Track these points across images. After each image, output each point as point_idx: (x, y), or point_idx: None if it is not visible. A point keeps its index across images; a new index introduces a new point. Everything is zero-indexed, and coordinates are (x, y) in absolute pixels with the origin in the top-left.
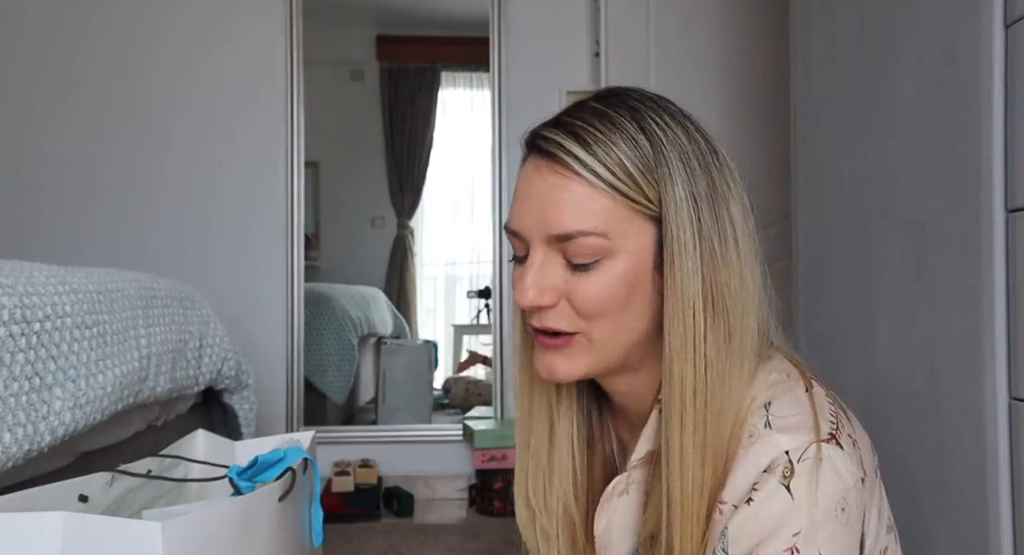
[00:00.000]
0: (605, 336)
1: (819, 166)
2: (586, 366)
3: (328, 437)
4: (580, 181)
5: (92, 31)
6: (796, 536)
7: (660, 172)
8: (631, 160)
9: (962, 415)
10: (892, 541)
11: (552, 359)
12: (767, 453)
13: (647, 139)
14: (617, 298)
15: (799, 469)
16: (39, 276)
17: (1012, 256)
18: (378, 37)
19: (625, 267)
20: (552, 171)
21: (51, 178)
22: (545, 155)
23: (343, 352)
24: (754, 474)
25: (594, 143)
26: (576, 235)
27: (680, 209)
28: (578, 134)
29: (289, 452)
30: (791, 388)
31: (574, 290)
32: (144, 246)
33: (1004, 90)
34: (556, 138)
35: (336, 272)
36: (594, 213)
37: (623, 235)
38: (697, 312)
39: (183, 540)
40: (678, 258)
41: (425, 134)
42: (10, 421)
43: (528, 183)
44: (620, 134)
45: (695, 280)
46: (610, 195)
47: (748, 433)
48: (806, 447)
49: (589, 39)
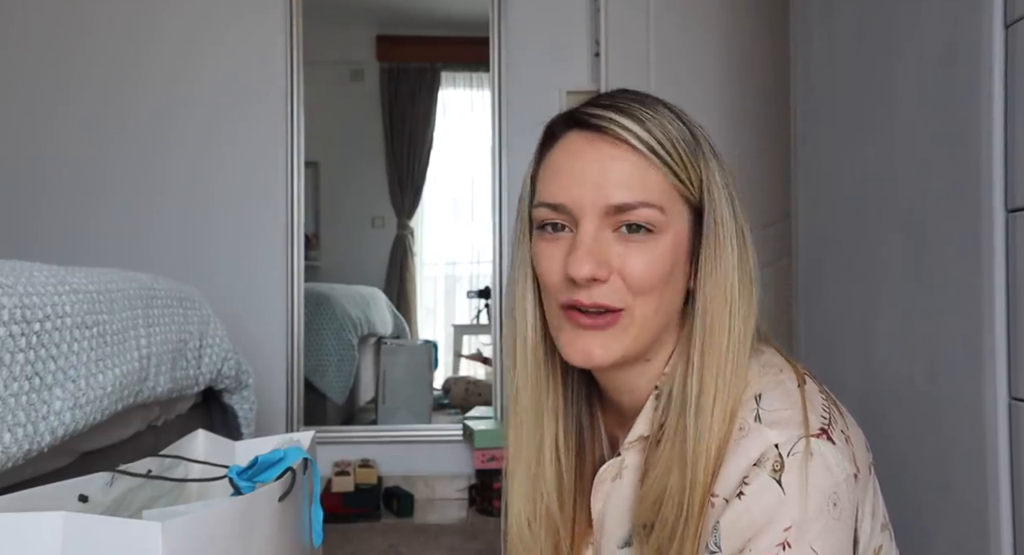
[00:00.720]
0: (646, 314)
1: (819, 166)
2: (623, 349)
3: (328, 437)
4: (638, 154)
5: (92, 31)
6: (787, 531)
7: (702, 157)
8: (679, 141)
9: (962, 415)
10: (887, 539)
11: (589, 342)
12: (756, 447)
13: (687, 127)
14: (664, 274)
15: (789, 463)
16: (39, 276)
17: (1012, 256)
18: (378, 37)
19: (671, 244)
20: (609, 143)
21: (51, 178)
22: (595, 129)
23: (343, 352)
24: (744, 467)
25: (647, 120)
26: (638, 205)
27: (721, 194)
28: (630, 112)
29: (289, 452)
30: (782, 382)
31: (627, 263)
32: (144, 246)
33: (1004, 90)
34: (607, 114)
35: (336, 272)
36: (652, 187)
37: (672, 213)
38: (733, 293)
39: (183, 540)
40: (721, 242)
41: (425, 134)
42: (10, 421)
43: (579, 156)
44: (665, 117)
45: (732, 258)
46: (663, 172)
47: (739, 426)
48: (795, 441)
49: (589, 39)
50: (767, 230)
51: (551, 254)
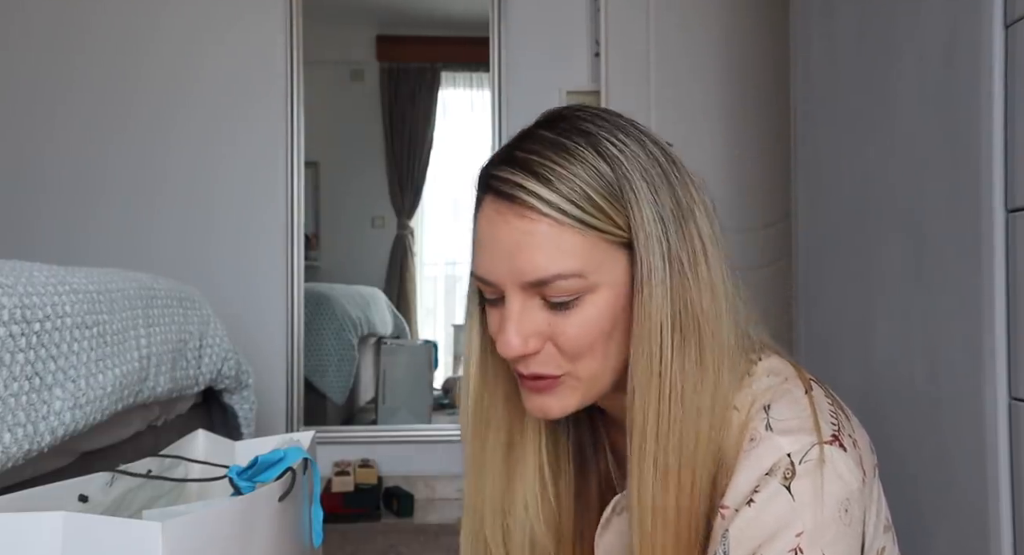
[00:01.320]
0: (592, 372)
1: (819, 166)
2: (578, 401)
3: (328, 437)
4: (547, 222)
5: (92, 31)
6: (799, 536)
7: (626, 197)
8: (595, 190)
9: (962, 415)
10: (889, 541)
11: (543, 400)
12: (769, 456)
13: (607, 164)
14: (602, 333)
15: (800, 470)
16: (39, 276)
17: (1012, 256)
18: (378, 37)
19: (606, 300)
20: (517, 215)
21: (52, 178)
22: (505, 197)
23: (343, 352)
24: (756, 477)
25: (555, 179)
26: (552, 280)
27: (649, 234)
28: (536, 171)
29: (289, 452)
30: (789, 390)
31: (557, 332)
32: (144, 246)
33: (1004, 90)
34: (514, 178)
35: (336, 272)
36: (567, 253)
37: (599, 269)
38: (665, 339)
39: (183, 540)
40: (647, 286)
41: (425, 134)
42: (10, 421)
43: (492, 229)
44: (579, 164)
45: (665, 305)
46: (580, 230)
47: (749, 437)
48: (808, 449)
49: (589, 39)
50: (767, 230)
51: (493, 322)
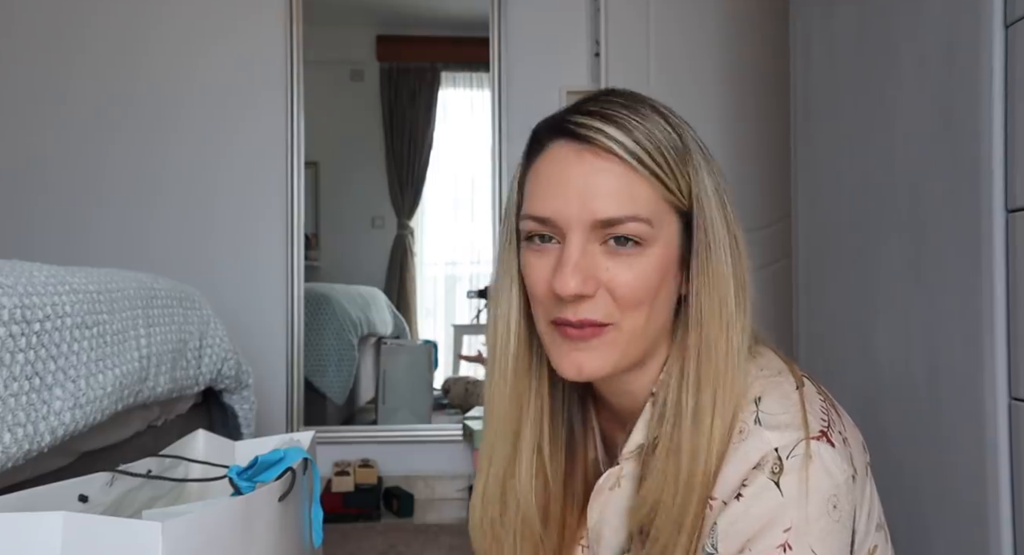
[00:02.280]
0: (635, 327)
1: (819, 166)
2: (614, 361)
3: (328, 437)
4: (625, 166)
5: (92, 31)
6: (787, 532)
7: (691, 164)
8: (668, 149)
9: (962, 415)
10: (882, 540)
11: (580, 355)
12: (757, 450)
13: (675, 132)
14: (652, 287)
15: (788, 466)
16: (39, 276)
17: (1012, 256)
18: (378, 37)
19: (660, 256)
20: (595, 155)
21: (52, 178)
22: (582, 139)
23: (343, 352)
24: (744, 470)
25: (634, 129)
26: (625, 220)
27: (711, 201)
28: (616, 120)
29: (289, 452)
30: (780, 384)
31: (614, 277)
32: (144, 246)
33: (1004, 90)
34: (593, 123)
35: (336, 272)
36: (640, 199)
37: (661, 224)
38: (729, 303)
39: (183, 540)
40: (713, 251)
41: (425, 134)
42: (10, 421)
43: (565, 167)
44: (653, 124)
45: (727, 272)
46: (651, 182)
47: (738, 429)
48: (795, 444)
49: (589, 39)
50: (767, 230)
51: (539, 266)
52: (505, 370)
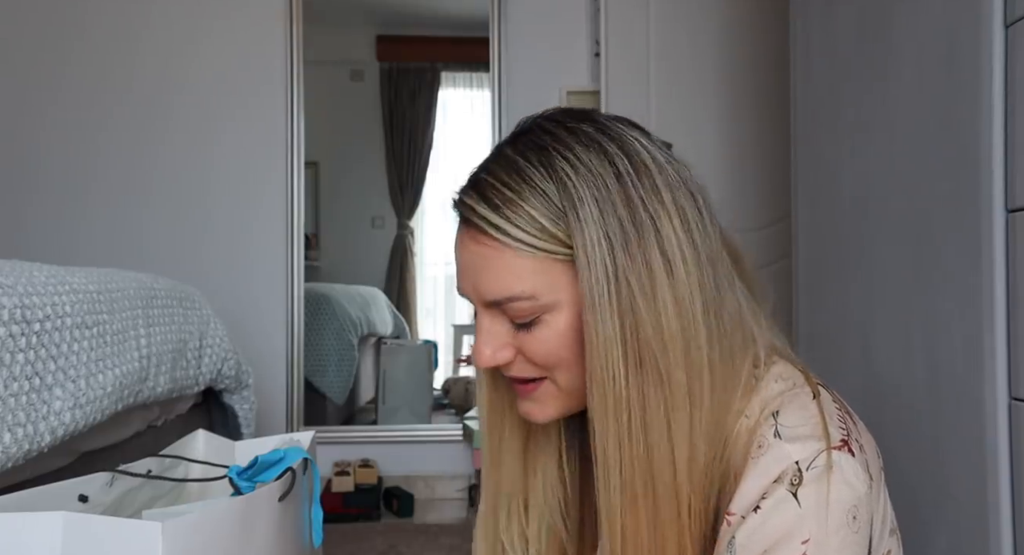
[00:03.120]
0: (570, 381)
1: (819, 166)
2: (558, 409)
3: (328, 437)
4: (497, 246)
5: (90, 31)
6: (805, 544)
7: (570, 219)
8: (542, 214)
9: (962, 415)
10: (895, 544)
11: (527, 404)
12: (777, 464)
13: (556, 185)
14: (568, 348)
15: (807, 477)
16: (39, 276)
17: (1012, 256)
18: (378, 37)
19: (566, 318)
20: (473, 240)
21: (52, 178)
22: (464, 222)
23: (343, 352)
24: (764, 485)
25: (503, 204)
26: (505, 302)
27: (592, 257)
28: (488, 196)
29: (289, 452)
30: (797, 395)
31: (523, 346)
32: (144, 246)
33: (1004, 90)
34: (470, 203)
35: (336, 272)
36: (519, 277)
37: (555, 289)
38: (617, 365)
39: (183, 540)
40: (592, 311)
41: (425, 134)
42: (10, 421)
43: (459, 251)
44: (528, 187)
45: (614, 330)
46: (530, 254)
47: (757, 443)
48: (815, 455)
49: (589, 39)
50: (767, 230)
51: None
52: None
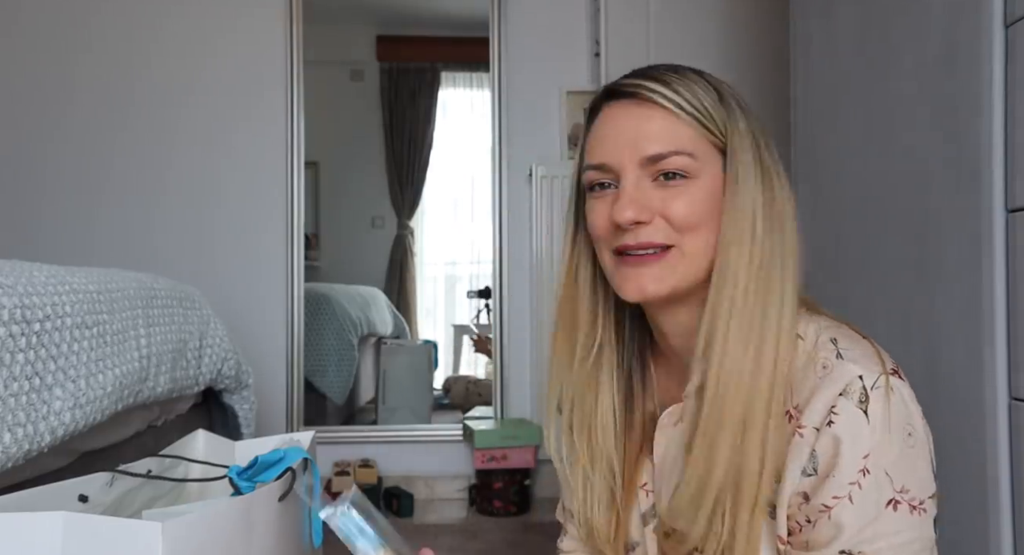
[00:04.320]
0: (696, 248)
1: (819, 166)
2: (674, 282)
3: (328, 437)
4: (666, 112)
5: (93, 31)
6: (866, 458)
7: (727, 109)
8: (704, 98)
9: (962, 415)
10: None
11: (643, 277)
12: (842, 379)
13: (713, 88)
14: (705, 212)
15: (873, 396)
16: (39, 276)
17: (1012, 256)
18: (378, 37)
19: (707, 187)
20: (639, 106)
21: (53, 178)
22: (629, 96)
23: (343, 352)
24: (831, 398)
25: (673, 83)
26: (669, 154)
27: (743, 136)
28: (657, 77)
29: (289, 452)
30: (847, 330)
31: (667, 205)
32: (144, 246)
33: (1004, 90)
34: (637, 81)
35: (336, 272)
36: (682, 137)
37: (704, 159)
38: (757, 221)
39: (183, 540)
40: (741, 181)
41: (425, 134)
42: (10, 421)
43: (615, 120)
44: (692, 81)
45: (756, 192)
46: (691, 124)
47: (821, 364)
48: (877, 376)
49: (589, 39)
50: None
51: (599, 208)
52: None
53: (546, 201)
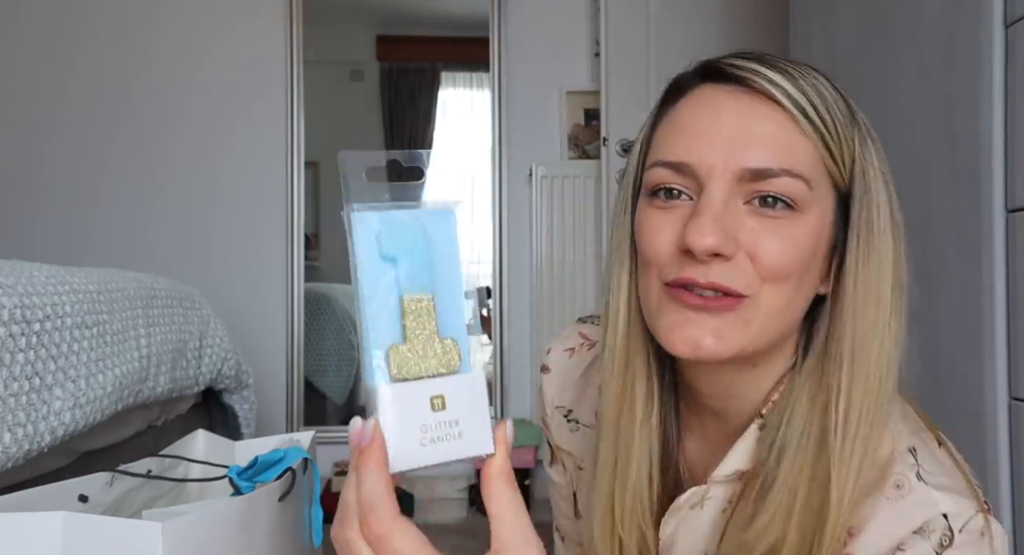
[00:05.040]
0: (774, 306)
1: None
2: (741, 343)
3: (328, 437)
4: (786, 115)
5: (93, 31)
6: None
7: (859, 133)
8: (834, 108)
9: (962, 415)
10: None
11: (702, 328)
12: (921, 512)
13: (842, 98)
14: (802, 261)
15: (960, 540)
16: (39, 276)
17: (1012, 256)
18: (378, 37)
19: (813, 227)
20: (750, 96)
21: (52, 178)
22: (736, 80)
23: (343, 352)
24: (902, 532)
25: (800, 78)
26: (780, 173)
27: (877, 177)
28: (780, 66)
29: (289, 452)
30: (925, 440)
31: (759, 241)
32: (145, 246)
33: (1004, 90)
34: (751, 66)
35: (336, 272)
36: (799, 154)
37: (817, 191)
38: (885, 303)
39: (183, 540)
40: (876, 235)
41: (425, 134)
42: (10, 421)
43: (712, 108)
44: (817, 79)
45: (888, 265)
46: (813, 141)
47: (895, 483)
48: (969, 517)
49: (589, 39)
50: None
51: (660, 224)
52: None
53: (546, 201)
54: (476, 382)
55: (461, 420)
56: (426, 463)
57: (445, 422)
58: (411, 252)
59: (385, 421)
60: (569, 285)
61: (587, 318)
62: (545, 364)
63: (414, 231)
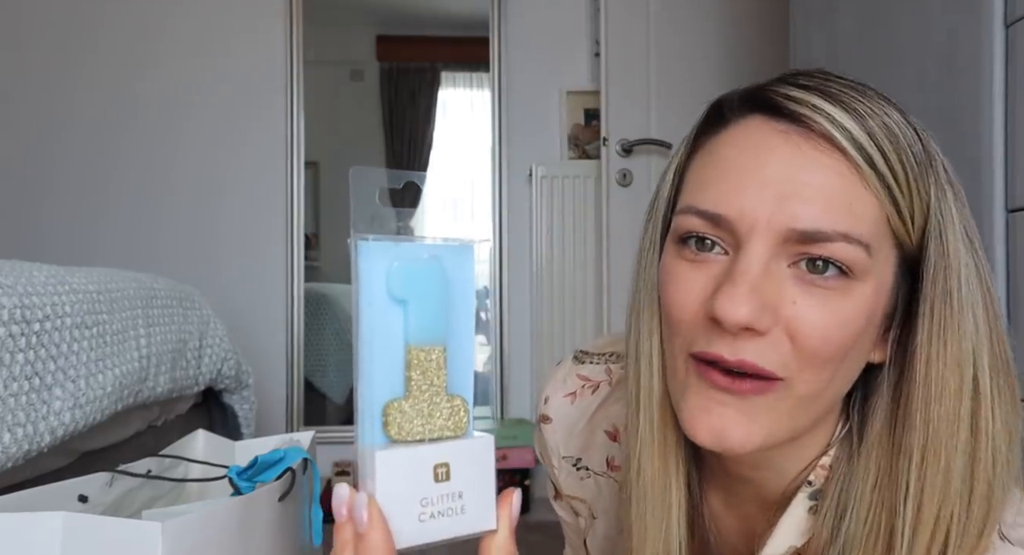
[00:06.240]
0: (811, 392)
1: None
2: (768, 433)
3: (328, 437)
4: (848, 165)
5: (96, 33)
6: None
7: (934, 180)
8: (907, 152)
9: None
10: None
11: (726, 415)
12: None
13: (915, 133)
14: (851, 340)
15: None
16: (39, 276)
17: (1012, 256)
18: (378, 37)
19: (870, 299)
20: (806, 140)
21: (54, 179)
22: (790, 118)
23: (343, 352)
24: None
25: (867, 115)
26: (836, 237)
27: (957, 237)
28: (843, 100)
29: (289, 452)
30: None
31: (801, 315)
32: (144, 246)
33: (1004, 90)
34: (810, 99)
35: (336, 272)
36: (859, 216)
37: (876, 256)
38: (966, 388)
39: (183, 540)
40: (955, 304)
41: (425, 134)
42: (10, 421)
43: (760, 151)
44: (889, 114)
45: (977, 339)
46: (878, 196)
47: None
48: None
49: (589, 39)
50: None
51: (688, 282)
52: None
53: (546, 201)
54: (485, 449)
55: (465, 493)
56: (423, 542)
57: (448, 495)
58: (424, 295)
59: (382, 492)
60: (569, 285)
61: (583, 355)
62: (545, 414)
63: (431, 271)
